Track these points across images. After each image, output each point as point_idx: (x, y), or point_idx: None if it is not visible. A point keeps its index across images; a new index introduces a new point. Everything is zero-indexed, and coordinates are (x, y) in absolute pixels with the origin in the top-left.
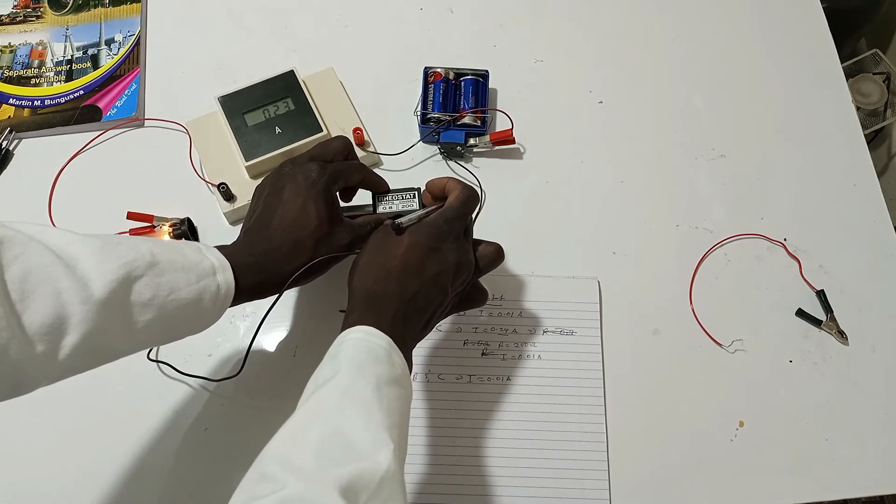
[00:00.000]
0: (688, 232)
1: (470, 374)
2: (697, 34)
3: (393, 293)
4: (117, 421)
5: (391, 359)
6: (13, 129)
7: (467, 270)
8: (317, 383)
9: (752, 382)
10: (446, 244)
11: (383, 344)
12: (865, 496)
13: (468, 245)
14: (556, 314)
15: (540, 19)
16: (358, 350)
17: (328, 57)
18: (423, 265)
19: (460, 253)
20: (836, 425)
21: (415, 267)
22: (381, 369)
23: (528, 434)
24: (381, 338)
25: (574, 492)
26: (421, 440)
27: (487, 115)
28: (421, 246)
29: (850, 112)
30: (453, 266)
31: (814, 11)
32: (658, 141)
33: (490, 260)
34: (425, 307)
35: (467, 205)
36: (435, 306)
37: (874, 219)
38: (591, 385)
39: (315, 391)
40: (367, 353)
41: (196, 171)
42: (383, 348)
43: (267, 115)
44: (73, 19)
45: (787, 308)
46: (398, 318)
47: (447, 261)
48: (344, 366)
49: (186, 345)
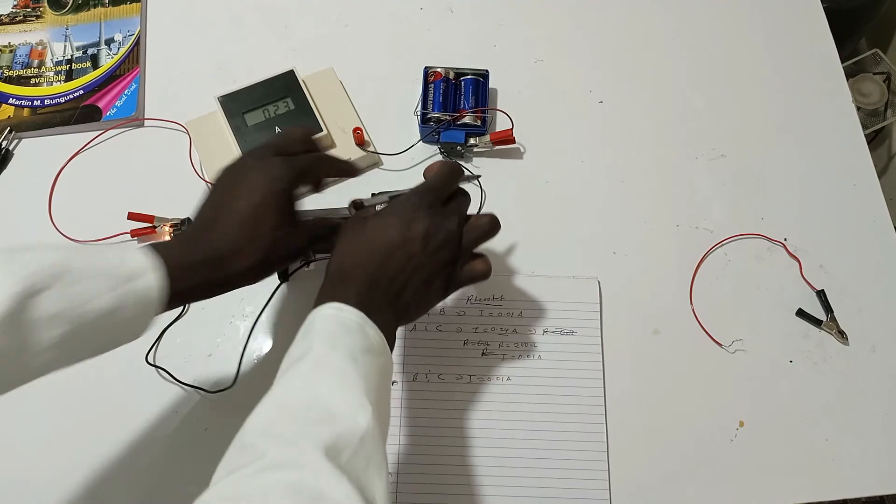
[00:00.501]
0: (688, 232)
1: (470, 374)
2: (697, 34)
3: (357, 266)
4: (118, 420)
5: (364, 331)
6: (13, 129)
7: (444, 237)
8: (290, 360)
9: (753, 382)
10: (417, 213)
11: (354, 317)
12: (865, 496)
13: (447, 215)
14: (556, 314)
15: (540, 19)
16: (329, 324)
17: (328, 57)
18: (387, 235)
19: (432, 220)
20: (836, 425)
21: (378, 238)
22: (355, 341)
23: (528, 434)
24: (351, 311)
25: (574, 492)
26: (421, 440)
27: (487, 114)
28: (385, 218)
29: (850, 112)
30: (421, 232)
31: (814, 11)
32: (658, 141)
33: (484, 230)
34: (394, 276)
35: (442, 175)
36: (406, 275)
37: (874, 219)
38: (591, 385)
39: (290, 367)
40: (339, 326)
41: (196, 170)
42: (355, 321)
43: (267, 114)
44: (73, 19)
45: (787, 308)
46: (364, 291)
47: (414, 228)
48: (316, 340)
49: (186, 345)
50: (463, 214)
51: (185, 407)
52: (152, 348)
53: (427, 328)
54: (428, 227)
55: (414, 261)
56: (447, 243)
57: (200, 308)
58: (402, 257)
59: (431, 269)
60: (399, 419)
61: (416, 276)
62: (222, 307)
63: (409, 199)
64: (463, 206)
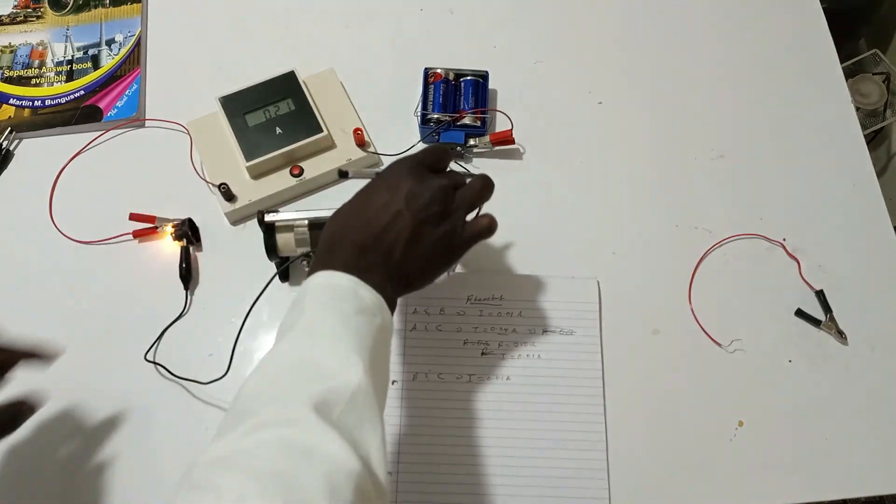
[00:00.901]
0: (687, 232)
1: (470, 374)
2: (697, 34)
3: (345, 232)
4: (117, 421)
5: (356, 293)
6: (14, 130)
7: (430, 195)
8: (283, 330)
9: (752, 382)
10: (401, 176)
11: (345, 282)
12: (865, 496)
13: (433, 177)
14: (555, 314)
15: (540, 19)
16: (320, 291)
17: (328, 57)
18: (373, 199)
19: (416, 180)
20: (836, 425)
21: (364, 203)
22: (346, 303)
23: (527, 434)
24: (343, 276)
25: (574, 491)
26: (421, 439)
27: (487, 115)
28: (371, 185)
29: (849, 112)
30: (405, 192)
31: (814, 11)
32: (657, 141)
33: (476, 190)
34: (381, 235)
35: (428, 149)
36: (394, 233)
37: (874, 219)
38: (591, 385)
39: (281, 336)
40: (330, 291)
41: (197, 171)
42: (346, 285)
43: (267, 115)
44: (74, 19)
45: (786, 308)
46: (354, 254)
47: (399, 189)
48: (307, 307)
49: (186, 345)
50: (454, 181)
51: (187, 405)
52: (152, 348)
53: (427, 328)
54: (411, 187)
55: (400, 218)
56: (433, 200)
57: (201, 308)
58: (387, 216)
59: (419, 226)
60: (399, 419)
61: (403, 233)
62: (223, 307)
63: (393, 166)
64: (455, 177)
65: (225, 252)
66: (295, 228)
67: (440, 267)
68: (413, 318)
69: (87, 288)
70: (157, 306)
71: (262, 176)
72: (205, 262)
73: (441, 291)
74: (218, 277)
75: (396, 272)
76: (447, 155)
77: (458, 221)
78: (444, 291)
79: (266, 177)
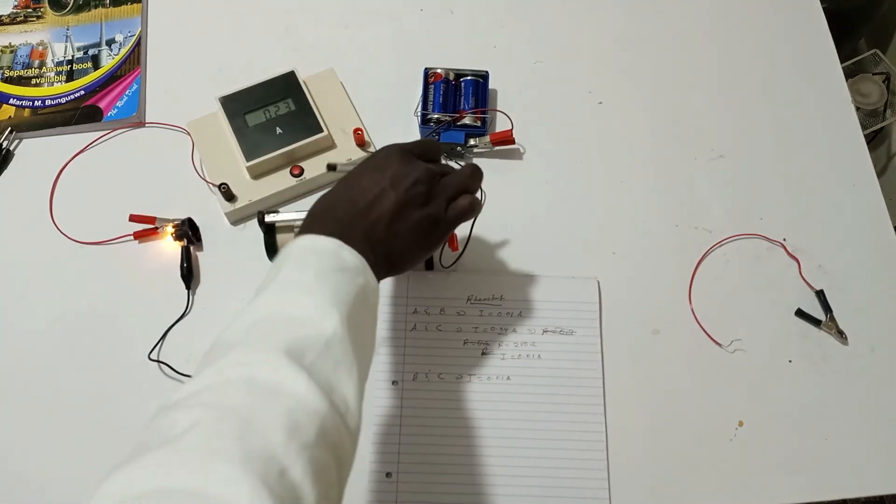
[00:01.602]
0: (687, 232)
1: (470, 374)
2: (697, 34)
3: (331, 208)
4: (118, 420)
5: (339, 255)
6: (14, 130)
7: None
8: (260, 288)
9: (752, 382)
10: (388, 158)
11: (328, 244)
12: (865, 496)
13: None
14: (556, 314)
15: (540, 19)
16: (301, 250)
17: (328, 57)
18: (359, 180)
19: (402, 163)
20: (836, 425)
21: (351, 183)
22: (326, 261)
23: (527, 434)
24: (325, 240)
25: (574, 491)
26: (421, 439)
27: (487, 115)
28: (358, 168)
29: (849, 112)
30: (391, 172)
31: (814, 11)
32: (657, 141)
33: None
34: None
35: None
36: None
37: (874, 219)
38: (591, 385)
39: (258, 293)
40: (311, 251)
41: (197, 171)
42: (329, 246)
43: (268, 115)
44: (74, 19)
45: (786, 308)
46: (337, 226)
47: (385, 169)
48: (285, 265)
49: (189, 343)
50: (441, 168)
51: None
52: (156, 347)
53: (427, 328)
54: (398, 169)
55: (385, 196)
56: (419, 181)
57: (203, 307)
58: (372, 194)
59: (403, 205)
60: (399, 419)
61: (387, 210)
62: (224, 306)
63: (381, 150)
64: (443, 166)
65: (225, 252)
66: (295, 229)
67: (423, 248)
68: (413, 318)
69: (87, 288)
70: (159, 306)
71: (262, 176)
72: (205, 262)
73: (441, 291)
74: (219, 277)
75: (381, 248)
76: (438, 148)
77: (443, 204)
78: (444, 291)
79: (266, 177)
